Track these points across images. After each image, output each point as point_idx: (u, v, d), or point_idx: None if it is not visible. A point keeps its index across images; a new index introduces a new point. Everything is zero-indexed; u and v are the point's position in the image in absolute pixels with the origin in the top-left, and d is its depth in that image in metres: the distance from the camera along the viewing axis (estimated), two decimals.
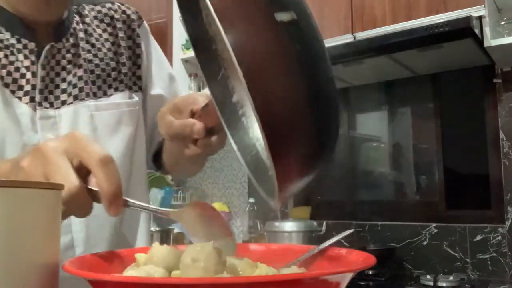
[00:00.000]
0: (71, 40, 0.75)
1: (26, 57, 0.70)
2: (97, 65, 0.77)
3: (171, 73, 0.90)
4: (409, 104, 2.19)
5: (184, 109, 0.62)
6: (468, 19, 1.52)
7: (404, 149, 2.19)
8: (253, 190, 2.44)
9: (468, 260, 1.87)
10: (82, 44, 0.76)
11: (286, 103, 0.35)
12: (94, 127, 0.74)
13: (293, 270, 0.46)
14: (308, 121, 0.36)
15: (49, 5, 0.71)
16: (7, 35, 0.69)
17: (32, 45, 0.70)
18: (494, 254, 1.83)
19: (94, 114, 0.74)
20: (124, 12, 0.83)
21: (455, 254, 1.90)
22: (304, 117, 0.36)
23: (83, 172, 0.46)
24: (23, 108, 0.68)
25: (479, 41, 1.60)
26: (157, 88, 0.86)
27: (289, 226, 1.87)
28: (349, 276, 0.37)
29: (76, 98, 0.73)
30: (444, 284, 1.64)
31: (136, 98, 0.81)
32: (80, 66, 0.75)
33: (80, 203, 0.45)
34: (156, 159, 0.88)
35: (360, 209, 2.18)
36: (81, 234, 0.72)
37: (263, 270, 0.42)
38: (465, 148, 2.01)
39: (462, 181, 2.02)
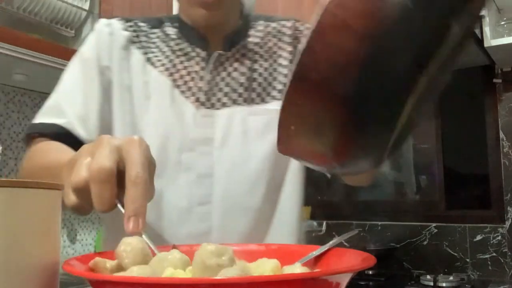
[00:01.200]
0: (241, 51, 0.84)
1: (197, 63, 0.81)
2: (260, 74, 0.84)
3: None
4: None
5: None
6: None
7: (404, 149, 2.19)
8: None
9: (468, 260, 1.87)
10: (250, 54, 0.84)
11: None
12: (246, 129, 0.80)
13: (294, 269, 0.46)
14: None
15: (209, 10, 0.77)
16: (186, 45, 0.83)
17: (203, 53, 0.81)
18: (494, 254, 1.83)
19: (247, 118, 0.81)
20: (296, 28, 0.88)
21: (455, 254, 1.90)
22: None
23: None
24: (188, 106, 0.79)
25: (479, 41, 1.60)
26: None
27: None
28: (349, 276, 0.37)
29: (234, 102, 0.81)
30: (444, 284, 1.64)
31: None
32: (243, 74, 0.82)
33: (101, 189, 0.45)
34: None
35: (360, 209, 2.18)
36: (218, 222, 0.77)
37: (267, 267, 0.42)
38: (465, 148, 2.01)
39: (462, 181, 2.02)
